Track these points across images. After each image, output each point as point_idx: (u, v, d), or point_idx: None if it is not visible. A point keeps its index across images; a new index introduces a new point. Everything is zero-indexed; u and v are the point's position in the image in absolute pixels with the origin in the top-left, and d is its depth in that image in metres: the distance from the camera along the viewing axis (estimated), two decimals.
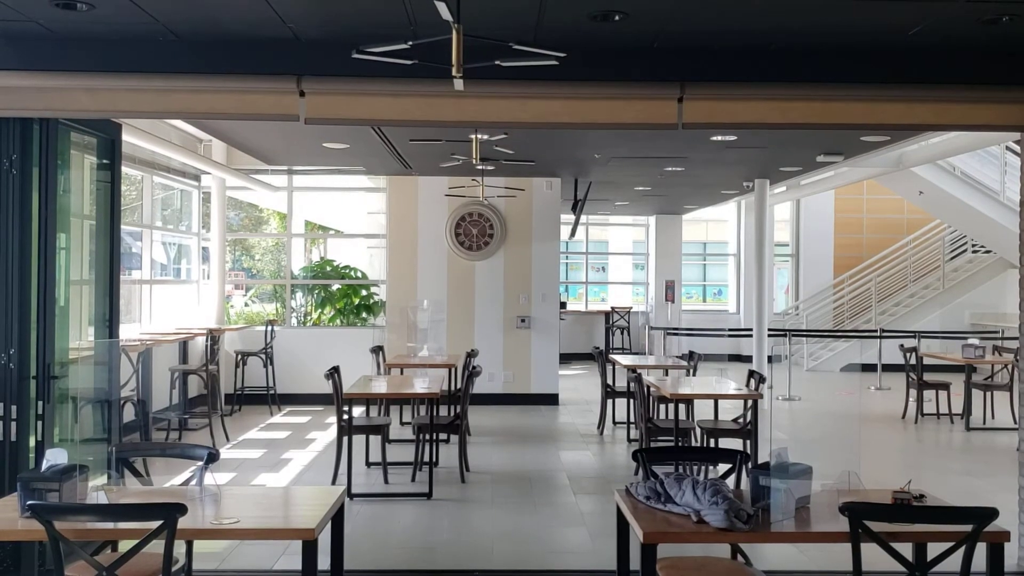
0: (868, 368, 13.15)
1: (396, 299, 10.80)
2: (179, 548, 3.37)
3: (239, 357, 10.33)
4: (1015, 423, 8.65)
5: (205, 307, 10.97)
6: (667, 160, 9.42)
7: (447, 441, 8.15)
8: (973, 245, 15.70)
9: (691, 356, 8.62)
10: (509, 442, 8.69)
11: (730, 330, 15.21)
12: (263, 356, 10.31)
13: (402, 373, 8.71)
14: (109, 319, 5.77)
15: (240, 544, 5.28)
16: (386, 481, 6.87)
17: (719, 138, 7.87)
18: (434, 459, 6.96)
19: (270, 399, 10.30)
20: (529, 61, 3.68)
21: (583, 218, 14.98)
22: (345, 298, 11.95)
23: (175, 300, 10.66)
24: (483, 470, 7.39)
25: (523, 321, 10.84)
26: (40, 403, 4.91)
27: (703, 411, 7.92)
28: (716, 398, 7.23)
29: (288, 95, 4.67)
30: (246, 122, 7.52)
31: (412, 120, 4.88)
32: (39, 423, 4.89)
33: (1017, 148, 13.23)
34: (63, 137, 5.15)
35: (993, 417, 9.82)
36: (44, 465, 3.30)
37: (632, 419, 8.67)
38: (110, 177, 5.77)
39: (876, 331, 13.17)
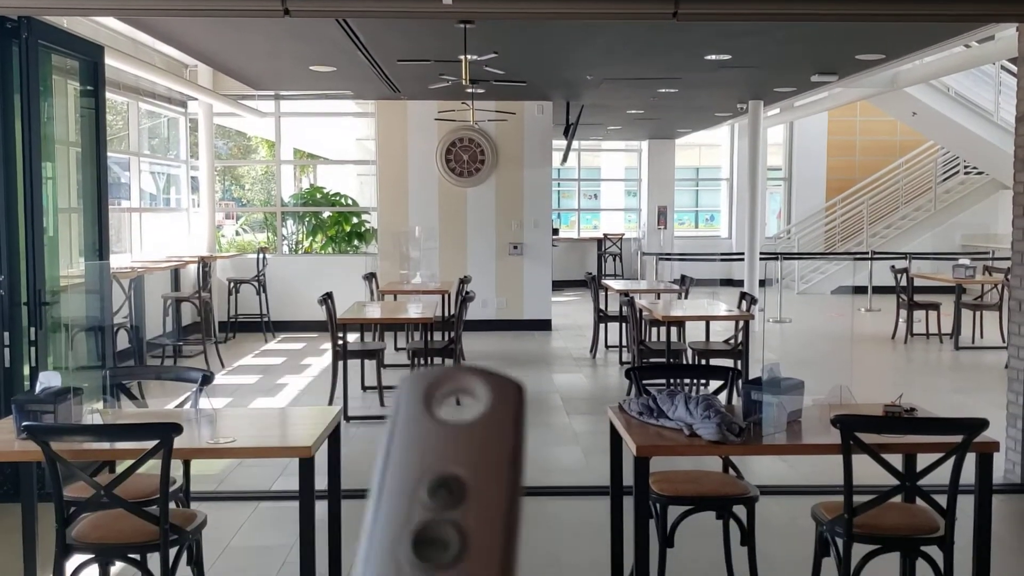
0: (859, 291, 13.22)
1: (387, 226, 10.74)
2: (176, 470, 3.41)
3: (231, 285, 10.31)
4: (1003, 342, 8.74)
5: (196, 236, 10.91)
6: (660, 82, 9.28)
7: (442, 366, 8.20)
8: (965, 166, 15.64)
9: (683, 280, 8.64)
10: (503, 366, 8.70)
11: (722, 255, 15.23)
12: (255, 284, 10.30)
13: (395, 299, 8.72)
14: (99, 247, 5.73)
15: (238, 466, 5.34)
16: (382, 404, 6.93)
17: (713, 57, 7.74)
18: None
19: (264, 326, 10.32)
20: None
21: (575, 144, 14.84)
22: (336, 226, 11.89)
23: (165, 229, 10.58)
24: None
25: (515, 248, 10.82)
26: (32, 330, 4.90)
27: (695, 334, 7.96)
28: (708, 320, 7.27)
29: None
30: (230, 43, 7.36)
31: (398, 11, 4.80)
32: (32, 350, 4.90)
33: (1013, 67, 13.08)
34: (44, 61, 5.03)
35: (982, 336, 9.91)
36: (38, 388, 3.30)
37: (624, 343, 8.73)
38: (94, 103, 5.66)
39: (867, 253, 13.21)
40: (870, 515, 3.06)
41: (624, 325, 8.50)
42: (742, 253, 11.53)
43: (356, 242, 11.98)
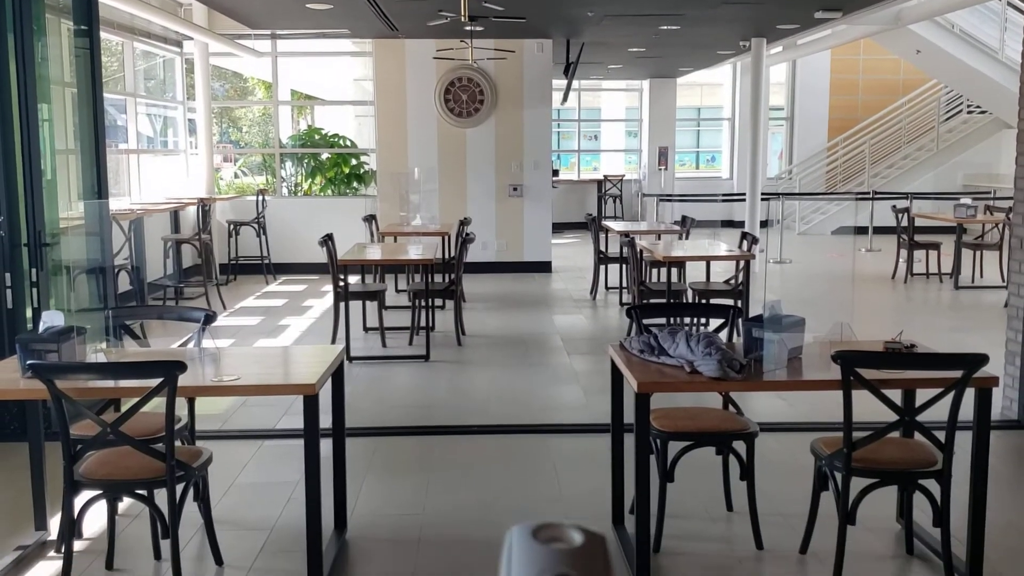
0: (860, 231, 13.20)
1: (386, 168, 10.67)
2: (181, 409, 3.43)
3: (231, 227, 10.29)
4: (1003, 281, 8.75)
5: (194, 178, 10.84)
6: (662, 18, 9.13)
7: (442, 307, 8.23)
8: (968, 106, 15.48)
9: (684, 221, 8.62)
10: (503, 308, 8.78)
11: (723, 195, 15.16)
12: (255, 226, 10.27)
13: (395, 241, 8.71)
14: (98, 189, 5.70)
15: (242, 406, 5.39)
16: (384, 345, 6.97)
17: None
18: (430, 324, 7.04)
19: (265, 269, 10.32)
20: None
21: (575, 83, 14.66)
22: (335, 167, 11.81)
23: (163, 172, 10.52)
24: (478, 334, 7.49)
25: (515, 189, 10.76)
26: (34, 271, 4.90)
27: (695, 274, 7.96)
28: (708, 260, 7.26)
29: None
30: None
31: None
32: (34, 291, 4.90)
33: (1019, 4, 12.86)
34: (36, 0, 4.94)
35: (982, 276, 9.92)
36: (41, 327, 3.31)
37: (625, 284, 8.74)
38: (89, 43, 5.57)
39: (868, 193, 13.15)
40: (869, 450, 3.10)
41: (624, 266, 8.50)
42: (743, 194, 11.48)
43: (355, 184, 11.91)
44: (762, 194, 11.05)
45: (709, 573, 3.33)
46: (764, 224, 11.51)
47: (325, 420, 3.55)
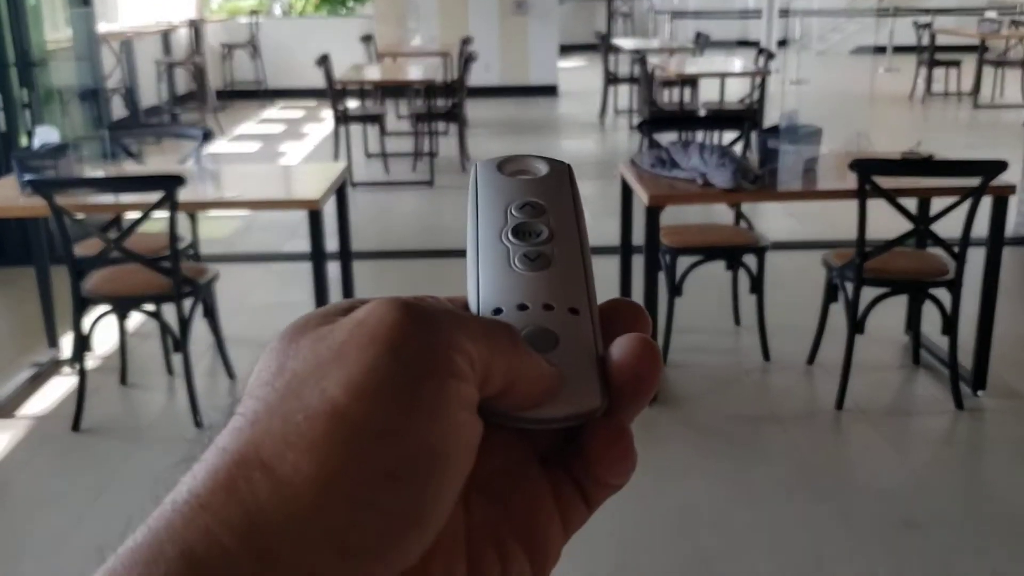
0: (879, 51, 12.72)
1: None
2: (185, 230, 3.39)
3: (225, 50, 9.95)
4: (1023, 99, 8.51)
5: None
6: None
7: (445, 133, 8.05)
8: None
9: (698, 37, 8.28)
10: (508, 133, 8.59)
11: (739, 11, 14.54)
12: (250, 48, 9.93)
13: (395, 62, 8.41)
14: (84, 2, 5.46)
15: (247, 229, 5.36)
16: (387, 171, 6.86)
17: None
18: (433, 150, 6.90)
19: (261, 94, 10.06)
20: None
21: None
22: None
23: None
24: (483, 158, 7.35)
25: (519, 6, 10.29)
26: (25, 91, 4.75)
27: (708, 94, 7.73)
28: (723, 76, 7.01)
29: None
30: None
31: None
32: (27, 112, 4.78)
33: None
34: None
35: (1002, 95, 9.63)
36: (36, 143, 3.22)
37: (634, 107, 8.50)
38: None
39: (889, 9, 12.57)
40: (880, 260, 3.06)
41: (634, 87, 8.24)
42: (759, 9, 10.98)
43: (350, 2, 11.42)
44: (780, 10, 10.56)
45: (716, 384, 3.38)
46: (782, 44, 11.07)
47: (332, 244, 3.51)
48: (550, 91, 10.60)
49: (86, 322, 3.02)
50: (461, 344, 0.28)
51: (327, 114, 8.21)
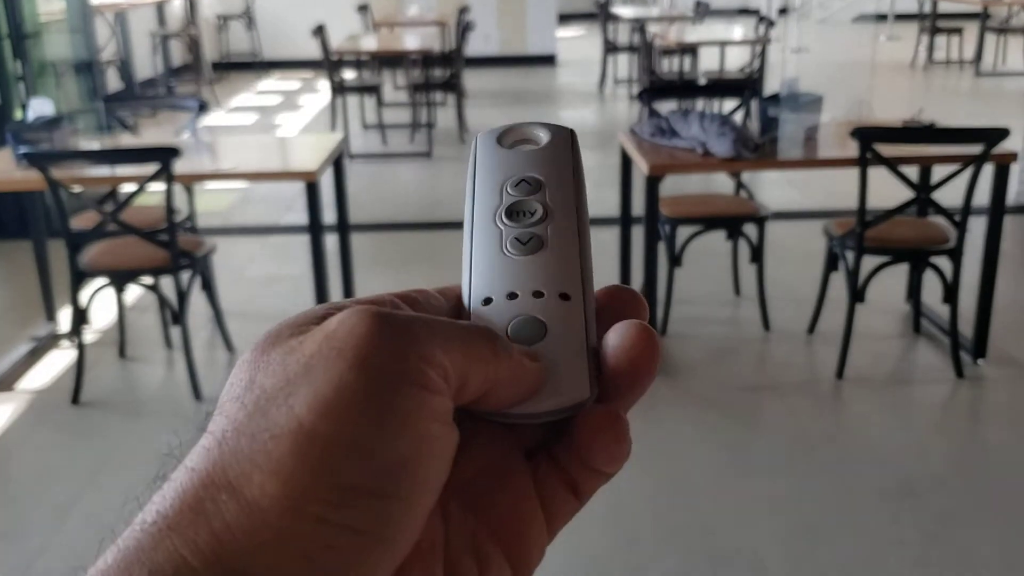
0: (881, 19, 12.61)
1: None
2: (182, 204, 3.37)
3: (220, 21, 9.86)
4: None
5: None
6: None
7: (443, 104, 7.99)
8: None
9: (698, 6, 8.20)
10: (506, 103, 8.53)
11: None
12: (245, 19, 9.84)
13: (392, 31, 8.34)
14: None
15: (244, 201, 5.34)
16: (384, 142, 6.82)
17: None
18: (431, 121, 6.85)
19: (257, 65, 9.98)
20: None
21: None
22: None
23: None
24: (482, 130, 7.30)
25: None
26: (19, 64, 4.71)
27: (708, 63, 7.67)
28: (723, 45, 6.96)
29: None
30: None
31: None
32: (21, 85, 4.73)
33: None
34: None
35: (1004, 63, 9.55)
36: (30, 115, 3.19)
37: (634, 76, 8.44)
38: None
39: None
40: (881, 229, 3.04)
41: (634, 56, 8.17)
42: None
43: None
44: None
45: (716, 354, 3.37)
46: (782, 12, 10.97)
47: (329, 217, 3.49)
48: (549, 61, 10.51)
49: (84, 295, 3.01)
50: (433, 355, 0.27)
51: (323, 85, 8.15)
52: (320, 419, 0.25)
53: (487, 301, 0.33)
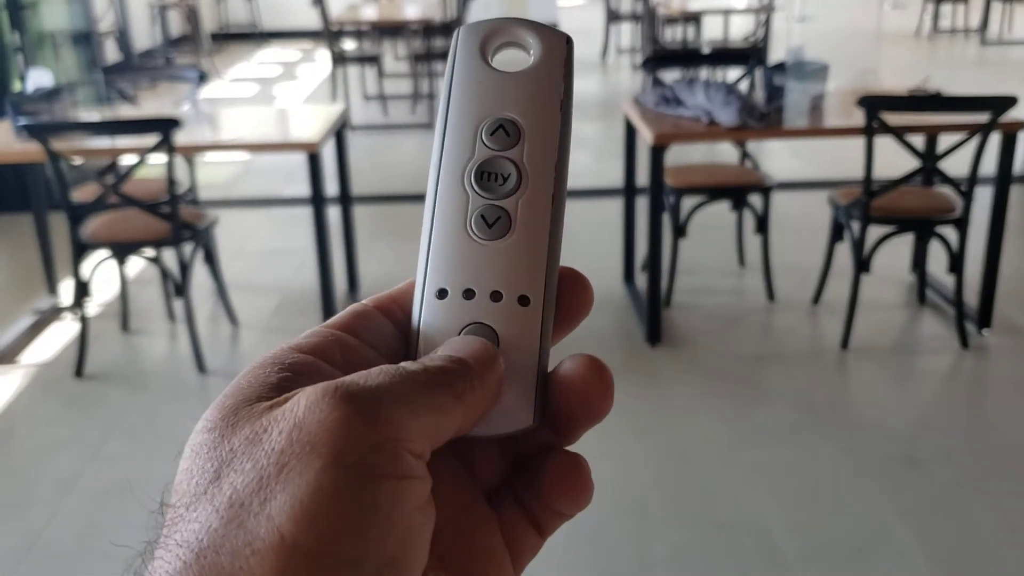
0: None
1: None
2: (183, 176, 3.34)
3: None
4: None
5: None
6: None
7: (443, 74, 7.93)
8: None
9: None
10: None
11: None
12: None
13: (392, 0, 8.25)
14: None
15: (245, 173, 5.31)
16: (385, 114, 6.77)
17: None
18: (432, 91, 6.80)
19: (256, 35, 9.90)
20: None
21: None
22: None
23: None
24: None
25: None
26: (17, 35, 4.67)
27: (712, 31, 7.59)
28: (726, 13, 6.89)
29: None
30: None
31: None
32: (20, 57, 4.69)
33: None
34: None
35: (1010, 31, 9.46)
36: (29, 87, 3.16)
37: (637, 45, 8.36)
38: None
39: None
40: (887, 199, 3.02)
41: (637, 25, 8.10)
42: None
43: None
44: None
45: (721, 324, 3.36)
46: None
47: (331, 188, 3.47)
48: None
49: (85, 268, 3.00)
50: (407, 434, 0.26)
51: (323, 56, 8.09)
52: (301, 532, 0.24)
53: (442, 293, 0.32)
